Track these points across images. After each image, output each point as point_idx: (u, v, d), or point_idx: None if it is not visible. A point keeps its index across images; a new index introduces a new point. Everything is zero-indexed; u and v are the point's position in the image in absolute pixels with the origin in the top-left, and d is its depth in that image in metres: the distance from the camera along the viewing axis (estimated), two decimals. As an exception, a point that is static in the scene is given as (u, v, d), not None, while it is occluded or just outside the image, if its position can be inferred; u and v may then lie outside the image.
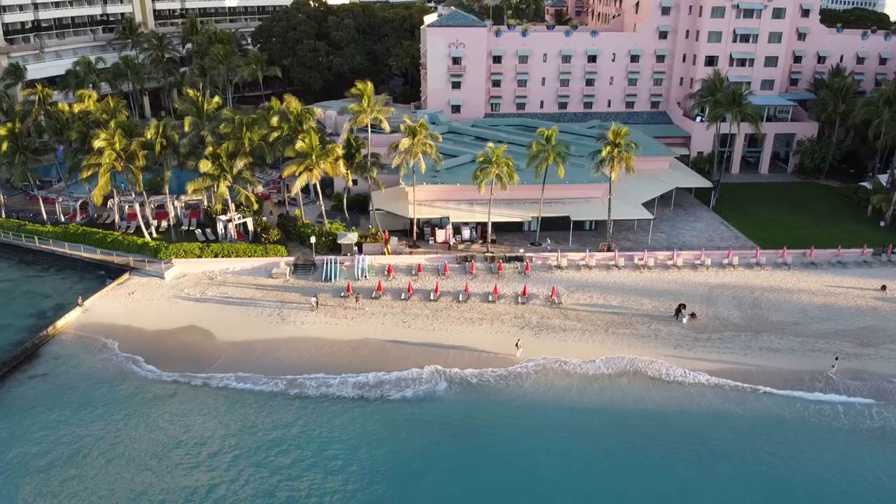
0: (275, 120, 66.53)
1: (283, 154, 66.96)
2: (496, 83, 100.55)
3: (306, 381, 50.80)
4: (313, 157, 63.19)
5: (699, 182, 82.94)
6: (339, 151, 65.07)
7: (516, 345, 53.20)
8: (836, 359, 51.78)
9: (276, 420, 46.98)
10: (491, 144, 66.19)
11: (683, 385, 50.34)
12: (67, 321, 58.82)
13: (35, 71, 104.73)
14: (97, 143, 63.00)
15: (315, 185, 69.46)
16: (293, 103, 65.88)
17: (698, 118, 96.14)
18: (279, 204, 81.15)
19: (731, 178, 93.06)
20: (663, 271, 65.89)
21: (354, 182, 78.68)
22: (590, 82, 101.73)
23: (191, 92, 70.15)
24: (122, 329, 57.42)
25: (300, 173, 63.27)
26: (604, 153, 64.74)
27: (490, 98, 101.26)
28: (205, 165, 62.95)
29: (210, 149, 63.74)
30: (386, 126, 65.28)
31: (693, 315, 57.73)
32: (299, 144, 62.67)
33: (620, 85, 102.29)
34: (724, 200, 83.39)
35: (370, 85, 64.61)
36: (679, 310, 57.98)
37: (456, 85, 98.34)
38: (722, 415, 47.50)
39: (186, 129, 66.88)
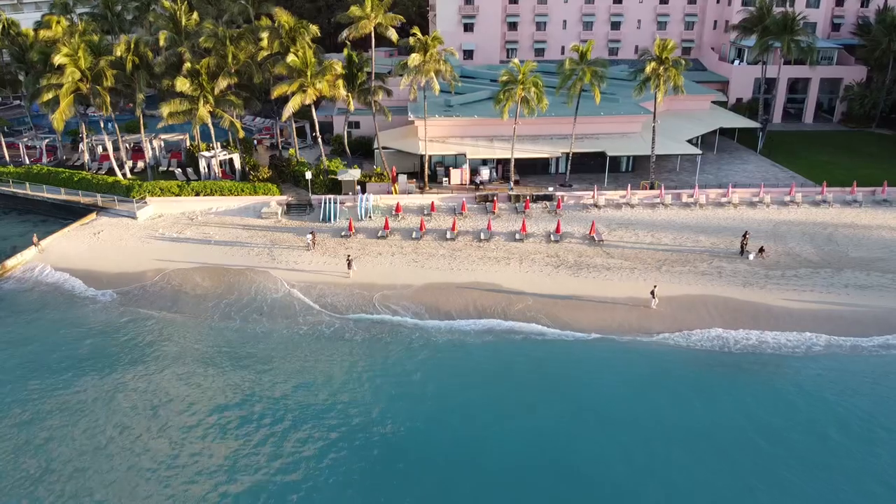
0: (265, 38, 57.34)
1: (272, 73, 57.80)
2: (512, 26, 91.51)
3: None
4: (308, 76, 54.03)
5: (743, 122, 73.94)
6: (339, 69, 55.88)
7: (652, 293, 42.93)
8: None
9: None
10: (516, 61, 57.07)
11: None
12: (20, 260, 50.05)
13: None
14: (58, 59, 54.01)
15: (312, 116, 60.32)
16: (284, 17, 56.63)
17: (736, 61, 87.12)
18: (271, 147, 72.14)
19: (773, 126, 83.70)
20: (717, 209, 56.74)
21: (356, 125, 70.08)
22: (615, 26, 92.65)
23: (166, 4, 60.84)
24: (82, 270, 48.50)
25: (292, 93, 54.11)
26: (648, 69, 55.56)
27: (506, 43, 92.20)
28: (182, 84, 53.81)
29: (188, 65, 54.60)
30: (393, 35, 55.98)
31: (762, 250, 48.59)
32: (291, 58, 53.46)
33: (649, 29, 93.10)
34: (772, 145, 74.27)
35: (374, -15, 55.25)
36: (744, 241, 48.94)
37: (468, 27, 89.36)
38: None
39: (162, 44, 57.66)
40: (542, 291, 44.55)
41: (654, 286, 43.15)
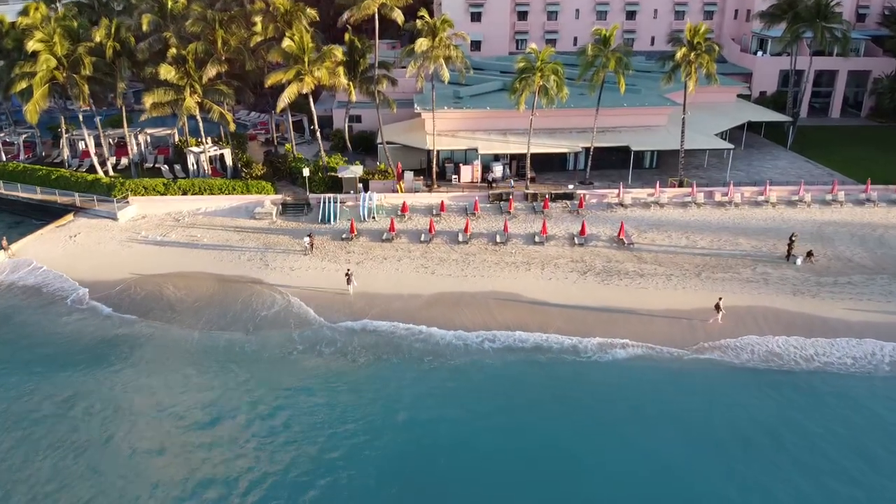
0: (258, 21, 52.44)
1: (267, 61, 52.86)
2: (522, 15, 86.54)
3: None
4: (305, 62, 49.14)
5: (773, 116, 69.19)
6: (339, 55, 50.96)
7: (717, 306, 37.50)
8: None
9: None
10: (533, 46, 52.25)
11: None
12: (-15, 266, 45.17)
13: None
14: (31, 45, 49.13)
15: (310, 109, 55.43)
16: (280, -1, 51.74)
17: (759, 52, 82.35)
18: (267, 143, 67.22)
19: (800, 121, 78.78)
20: (754, 208, 51.89)
21: (358, 119, 65.23)
22: (630, 15, 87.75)
23: (152, -15, 55.99)
24: (56, 275, 43.68)
25: (288, 82, 49.19)
26: (678, 55, 50.69)
27: (515, 33, 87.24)
28: (167, 71, 48.94)
29: (173, 51, 49.68)
30: (399, 17, 51.01)
31: (810, 254, 43.77)
32: (287, 43, 48.59)
33: (666, 19, 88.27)
34: (803, 140, 69.49)
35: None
36: (790, 244, 44.12)
37: (475, 17, 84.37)
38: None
39: (145, 28, 52.70)
40: (569, 302, 39.68)
41: (720, 298, 37.93)
